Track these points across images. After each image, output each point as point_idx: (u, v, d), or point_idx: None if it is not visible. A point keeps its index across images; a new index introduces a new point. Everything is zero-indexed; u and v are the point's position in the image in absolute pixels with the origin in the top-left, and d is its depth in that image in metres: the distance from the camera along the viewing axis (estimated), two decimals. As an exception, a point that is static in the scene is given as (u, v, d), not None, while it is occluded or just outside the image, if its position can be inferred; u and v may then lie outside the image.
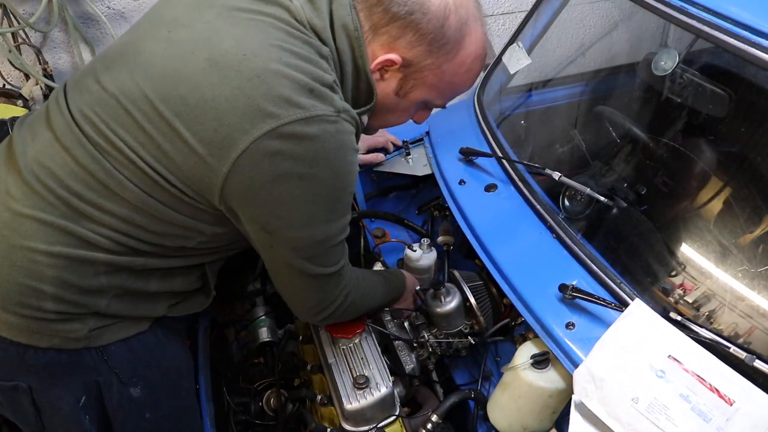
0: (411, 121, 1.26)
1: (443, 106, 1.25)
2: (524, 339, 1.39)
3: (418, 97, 1.16)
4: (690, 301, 1.33)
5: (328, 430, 1.39)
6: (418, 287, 1.58)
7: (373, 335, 1.48)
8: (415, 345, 1.51)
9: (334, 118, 0.98)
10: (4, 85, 2.04)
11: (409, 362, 1.48)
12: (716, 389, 1.02)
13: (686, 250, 1.43)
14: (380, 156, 1.80)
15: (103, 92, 1.01)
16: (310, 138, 0.96)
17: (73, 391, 1.08)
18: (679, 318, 1.11)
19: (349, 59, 1.07)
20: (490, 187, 1.58)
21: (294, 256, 1.08)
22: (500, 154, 1.62)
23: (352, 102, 1.11)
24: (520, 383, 1.25)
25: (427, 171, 1.79)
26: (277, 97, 0.94)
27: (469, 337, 1.50)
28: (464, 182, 1.62)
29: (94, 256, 1.01)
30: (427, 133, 1.89)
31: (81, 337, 1.05)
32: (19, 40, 2.02)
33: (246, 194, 0.99)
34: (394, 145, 1.84)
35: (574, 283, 1.23)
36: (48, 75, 2.06)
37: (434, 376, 1.57)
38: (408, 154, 1.84)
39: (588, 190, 1.43)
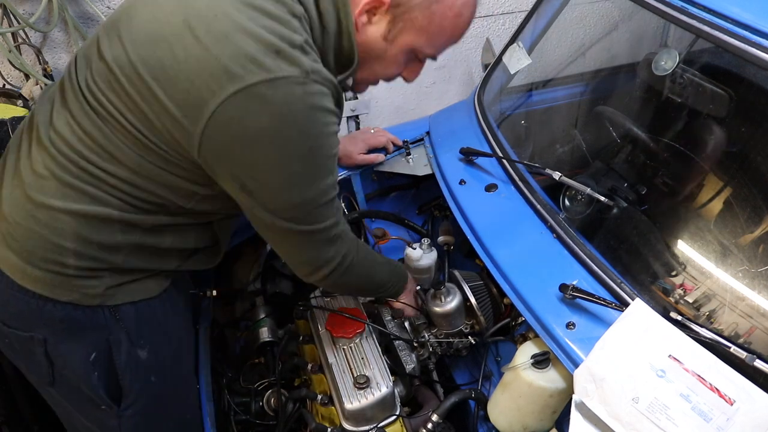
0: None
1: (434, 57, 1.20)
2: (524, 339, 1.39)
3: (407, 42, 1.13)
4: (690, 300, 1.33)
5: (329, 429, 1.39)
6: (418, 287, 1.58)
7: (373, 335, 1.48)
8: (415, 345, 1.51)
9: (301, 79, 0.98)
10: (4, 85, 2.04)
11: (410, 362, 1.48)
12: (717, 389, 1.02)
13: (686, 250, 1.43)
14: (380, 156, 1.81)
15: (100, 61, 1.05)
16: (275, 100, 0.97)
17: (84, 347, 1.14)
18: (679, 318, 1.11)
19: (333, 20, 1.08)
20: (490, 187, 1.58)
21: (275, 218, 1.10)
22: (500, 154, 1.62)
23: (334, 61, 1.12)
24: (521, 383, 1.25)
25: (427, 171, 1.79)
26: (242, 57, 0.95)
27: (469, 337, 1.50)
28: (464, 182, 1.62)
29: (108, 213, 1.07)
30: (428, 132, 1.89)
31: (97, 294, 1.11)
32: (19, 40, 2.02)
33: (221, 155, 1.02)
34: (395, 144, 1.84)
35: (574, 282, 1.23)
36: (48, 75, 2.06)
37: (435, 375, 1.58)
38: (408, 154, 1.84)
39: (588, 190, 1.43)
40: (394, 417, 1.39)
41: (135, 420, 1.22)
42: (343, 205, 1.78)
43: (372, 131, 1.84)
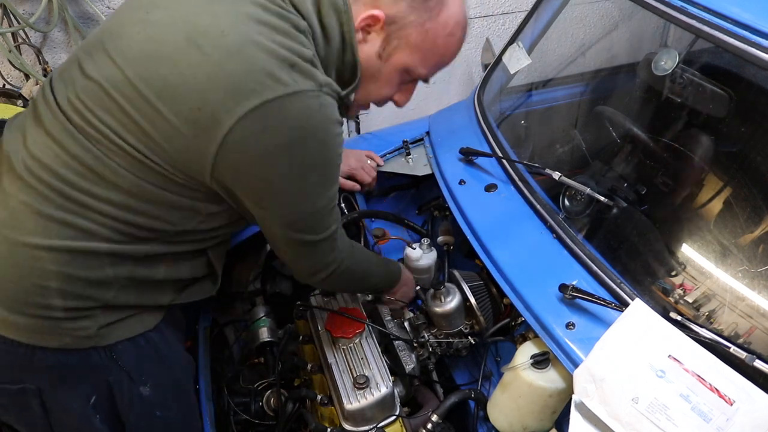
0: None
1: (426, 79, 1.20)
2: (524, 339, 1.39)
3: (401, 60, 1.12)
4: (690, 301, 1.33)
5: (329, 430, 1.39)
6: (418, 287, 1.58)
7: (373, 335, 1.48)
8: (415, 345, 1.51)
9: (316, 92, 0.98)
10: (4, 85, 2.04)
11: (410, 362, 1.48)
12: (716, 389, 1.02)
13: (686, 250, 1.43)
14: (357, 186, 1.76)
15: (87, 80, 1.00)
16: (294, 114, 0.96)
17: (83, 391, 1.08)
18: (679, 318, 1.11)
19: (337, 34, 1.06)
20: (490, 187, 1.58)
21: (288, 229, 1.11)
22: (500, 154, 1.62)
23: (336, 77, 1.11)
24: (521, 383, 1.25)
25: (427, 171, 1.79)
26: (258, 73, 0.93)
27: (469, 337, 1.50)
28: (464, 182, 1.62)
29: (96, 246, 1.01)
30: (428, 132, 1.89)
31: (90, 335, 1.04)
32: (19, 40, 2.03)
33: (237, 173, 1.00)
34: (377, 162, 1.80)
35: (574, 283, 1.23)
36: (48, 75, 2.06)
37: (434, 376, 1.58)
38: (408, 154, 1.84)
39: (588, 190, 1.43)
40: (394, 417, 1.39)
41: None
42: (343, 205, 1.78)
43: (368, 161, 1.78)
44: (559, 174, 1.46)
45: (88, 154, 0.98)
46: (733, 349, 1.04)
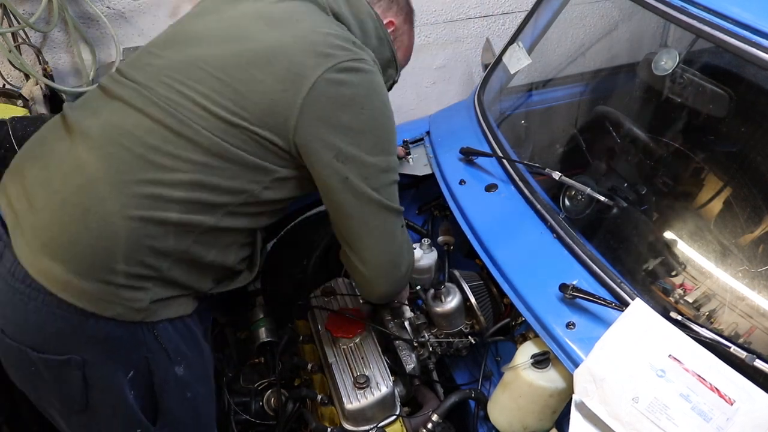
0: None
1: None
2: (524, 339, 1.39)
3: (401, 56, 1.43)
4: (690, 300, 1.33)
5: (329, 429, 1.39)
6: (418, 287, 1.58)
7: (373, 335, 1.48)
8: (415, 345, 1.51)
9: (371, 63, 1.20)
10: (4, 85, 2.04)
11: (410, 362, 1.48)
12: (716, 389, 1.02)
13: (686, 250, 1.43)
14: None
15: (172, 61, 1.15)
16: (363, 72, 1.17)
17: (124, 366, 1.13)
18: (679, 318, 1.11)
19: (374, 36, 1.31)
20: (490, 187, 1.58)
21: (366, 186, 1.19)
22: (500, 154, 1.62)
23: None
24: (521, 383, 1.25)
25: (427, 171, 1.79)
26: (331, 45, 1.15)
27: (469, 337, 1.50)
28: (464, 182, 1.62)
29: (166, 216, 1.08)
30: (428, 132, 1.89)
31: (142, 308, 1.09)
32: (19, 40, 2.02)
33: (319, 122, 1.13)
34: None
35: (574, 282, 1.23)
36: (48, 75, 2.06)
37: (435, 375, 1.58)
38: (408, 153, 1.84)
39: (588, 190, 1.43)
40: (394, 417, 1.39)
41: None
42: None
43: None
44: (560, 174, 1.46)
45: (172, 119, 1.09)
46: (734, 349, 1.05)
